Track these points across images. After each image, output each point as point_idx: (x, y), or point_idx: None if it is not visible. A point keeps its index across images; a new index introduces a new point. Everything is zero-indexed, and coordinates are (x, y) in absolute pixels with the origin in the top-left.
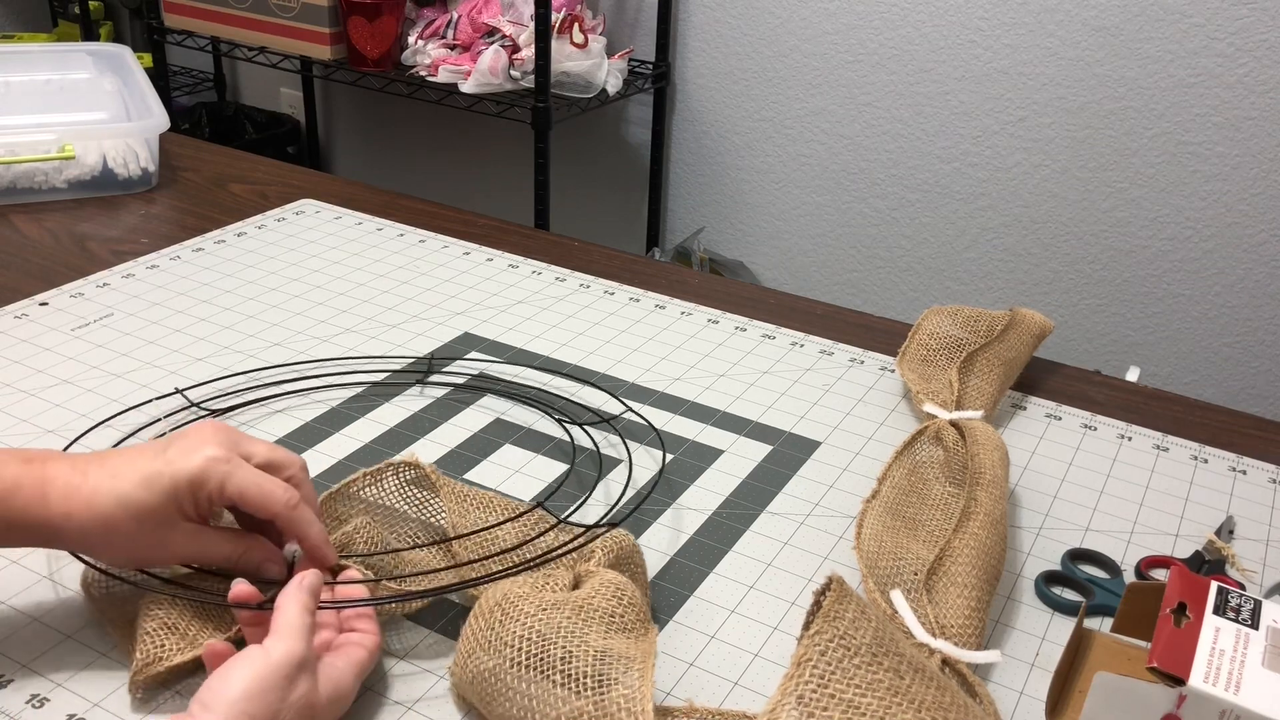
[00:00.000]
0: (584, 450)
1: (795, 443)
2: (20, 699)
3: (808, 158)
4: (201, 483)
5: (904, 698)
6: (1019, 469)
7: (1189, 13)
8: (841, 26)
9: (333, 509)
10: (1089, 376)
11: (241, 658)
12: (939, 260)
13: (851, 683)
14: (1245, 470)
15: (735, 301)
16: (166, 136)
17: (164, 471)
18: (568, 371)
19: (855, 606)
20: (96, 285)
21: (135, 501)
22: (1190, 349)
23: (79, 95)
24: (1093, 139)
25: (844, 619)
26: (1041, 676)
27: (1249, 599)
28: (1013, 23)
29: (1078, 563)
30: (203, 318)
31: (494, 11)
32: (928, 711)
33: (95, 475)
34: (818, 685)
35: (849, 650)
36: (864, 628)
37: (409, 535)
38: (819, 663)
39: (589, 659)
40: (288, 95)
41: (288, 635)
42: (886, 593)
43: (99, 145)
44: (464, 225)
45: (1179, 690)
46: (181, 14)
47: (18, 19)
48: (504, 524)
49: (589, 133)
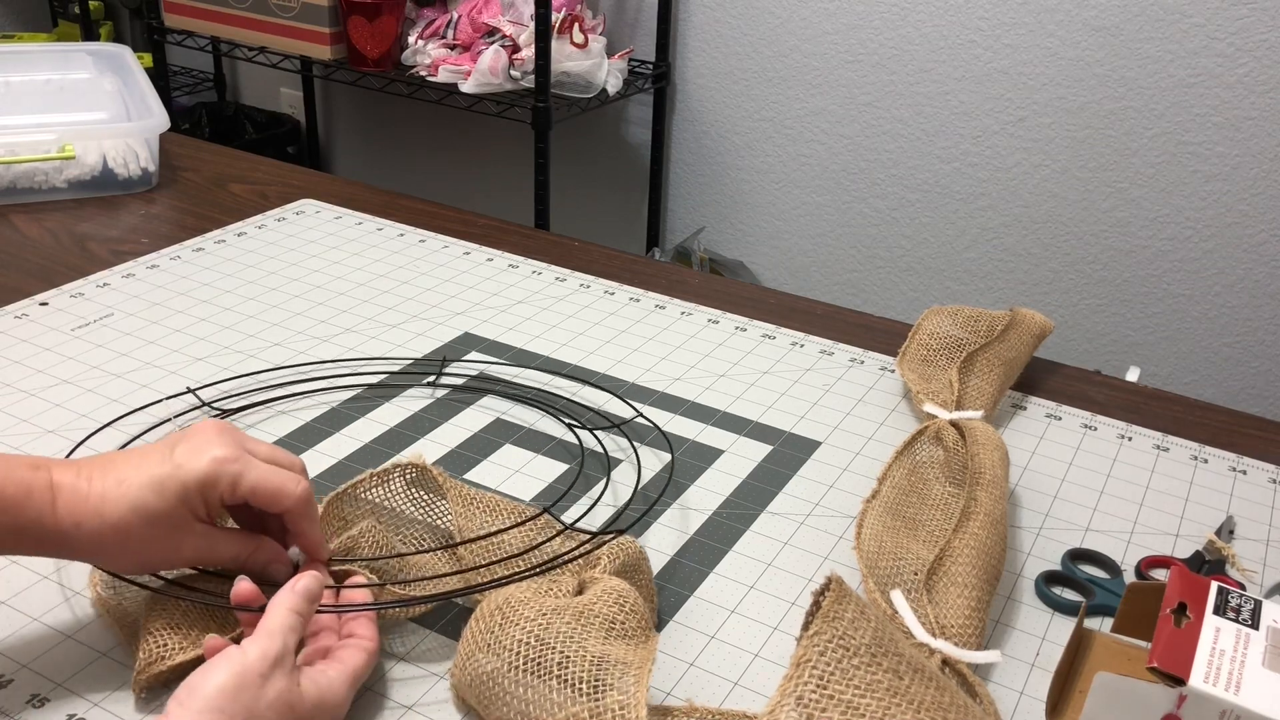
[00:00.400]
0: (588, 451)
1: (795, 443)
2: (20, 699)
3: (808, 158)
4: (213, 483)
5: (903, 698)
6: (1019, 469)
7: (1189, 13)
8: (841, 26)
9: (339, 510)
10: (1089, 376)
11: (220, 657)
12: (939, 260)
13: (851, 684)
14: (1245, 470)
15: (735, 301)
16: (166, 136)
17: (174, 475)
18: (568, 372)
19: (854, 607)
20: (96, 285)
21: (147, 507)
22: (1190, 349)
23: (79, 95)
24: (1093, 139)
25: (843, 619)
26: (1042, 676)
27: (1249, 599)
28: (1013, 23)
29: (1078, 563)
30: (203, 318)
31: (494, 11)
32: (927, 712)
33: (101, 482)
34: (817, 686)
35: (848, 651)
36: (863, 628)
37: (414, 538)
38: (818, 663)
39: (586, 664)
40: (288, 95)
41: (265, 635)
42: (886, 593)
43: (99, 145)
44: (464, 225)
45: (1179, 690)
46: (181, 14)
47: (18, 19)
48: (511, 529)
49: (589, 133)
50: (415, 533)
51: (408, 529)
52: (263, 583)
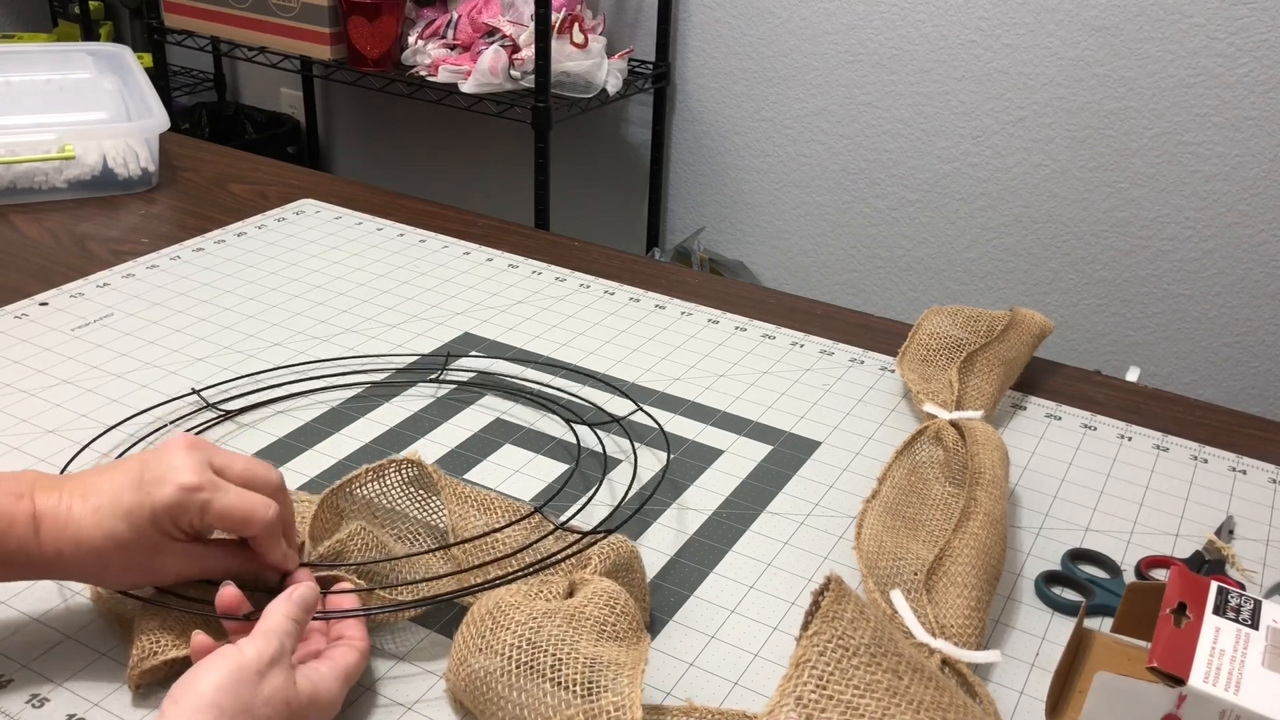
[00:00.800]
0: (586, 450)
1: (795, 443)
2: (20, 699)
3: (808, 158)
4: (180, 511)
5: (903, 698)
6: (1019, 469)
7: (1189, 13)
8: (841, 26)
9: (334, 504)
10: (1089, 376)
11: (215, 655)
12: (939, 260)
13: (850, 684)
14: (1245, 470)
15: (735, 301)
16: (166, 136)
17: (143, 503)
18: (568, 371)
19: (854, 606)
20: (96, 285)
21: (119, 535)
22: (1190, 349)
23: (79, 95)
24: (1093, 139)
25: (842, 619)
26: (1041, 676)
27: (1249, 599)
28: (1013, 23)
29: (1078, 563)
30: (203, 318)
31: (494, 11)
32: (926, 712)
33: (79, 510)
34: (816, 686)
35: (847, 651)
36: (862, 628)
37: (408, 533)
38: (817, 663)
39: (579, 666)
40: (288, 95)
41: (261, 636)
42: (886, 593)
43: (99, 145)
44: (464, 225)
45: (1179, 690)
46: (181, 14)
47: (18, 19)
48: (502, 529)
49: (589, 133)
50: (409, 528)
51: (402, 524)
52: (255, 589)
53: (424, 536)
